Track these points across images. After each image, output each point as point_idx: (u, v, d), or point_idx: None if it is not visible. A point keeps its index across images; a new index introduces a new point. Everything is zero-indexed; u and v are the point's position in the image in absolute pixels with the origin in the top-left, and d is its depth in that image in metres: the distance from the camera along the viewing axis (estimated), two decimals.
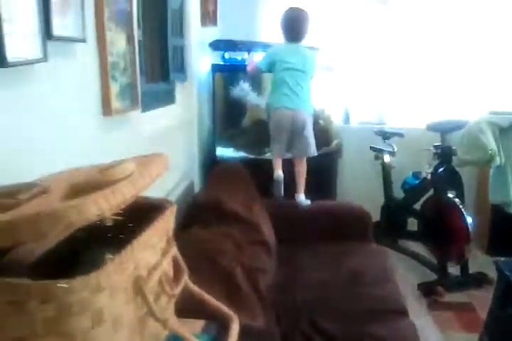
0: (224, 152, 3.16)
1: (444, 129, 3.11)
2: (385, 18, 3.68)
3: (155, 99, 2.33)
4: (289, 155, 2.83)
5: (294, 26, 2.73)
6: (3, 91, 1.02)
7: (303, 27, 2.72)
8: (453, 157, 3.15)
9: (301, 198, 2.80)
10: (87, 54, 1.39)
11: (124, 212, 0.70)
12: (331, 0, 3.72)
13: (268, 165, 2.78)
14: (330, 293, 2.14)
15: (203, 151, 3.05)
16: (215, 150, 3.15)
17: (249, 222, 2.11)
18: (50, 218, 0.53)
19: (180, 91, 2.75)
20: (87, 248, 0.77)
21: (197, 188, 2.81)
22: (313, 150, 2.78)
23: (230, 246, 1.74)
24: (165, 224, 0.78)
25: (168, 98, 2.60)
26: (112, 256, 0.61)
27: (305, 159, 2.81)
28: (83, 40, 1.32)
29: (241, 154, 3.14)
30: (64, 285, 0.54)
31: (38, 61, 1.09)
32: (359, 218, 2.73)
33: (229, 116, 3.24)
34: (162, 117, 2.39)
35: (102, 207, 0.57)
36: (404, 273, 2.92)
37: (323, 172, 3.29)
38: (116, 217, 0.64)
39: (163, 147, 2.25)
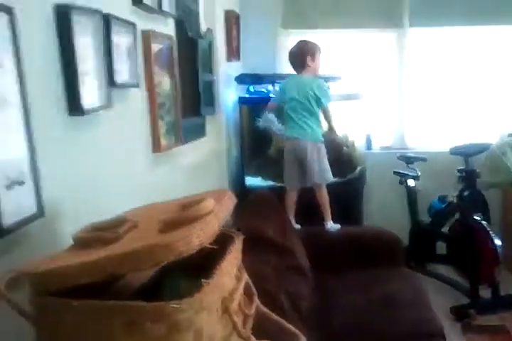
0: (253, 181, 3.26)
1: (467, 153, 3.18)
2: (405, 45, 3.80)
3: (189, 133, 2.45)
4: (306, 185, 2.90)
5: (292, 57, 2.94)
6: (79, 136, 1.14)
7: (301, 58, 2.88)
8: (477, 180, 3.21)
9: (330, 225, 2.86)
10: (139, 97, 1.52)
11: None
12: (352, 31, 3.86)
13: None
14: (365, 317, 2.18)
15: (232, 181, 3.16)
16: (244, 180, 3.26)
17: (284, 249, 2.18)
18: (165, 249, 0.63)
19: (210, 124, 2.88)
20: (168, 273, 0.86)
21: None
22: (317, 178, 2.83)
23: (271, 272, 1.81)
24: (237, 253, 0.87)
25: (200, 131, 2.73)
26: (206, 280, 0.70)
27: (323, 187, 2.87)
28: (137, 86, 1.45)
29: (269, 183, 3.23)
30: (176, 306, 0.63)
31: (105, 107, 1.22)
32: (389, 243, 2.78)
33: (256, 146, 3.35)
34: (196, 150, 2.51)
35: (202, 238, 0.66)
36: (436, 297, 2.94)
37: (349, 199, 3.36)
38: (211, 246, 0.73)
39: (198, 178, 2.37)
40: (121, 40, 1.37)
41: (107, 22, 1.25)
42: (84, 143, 1.16)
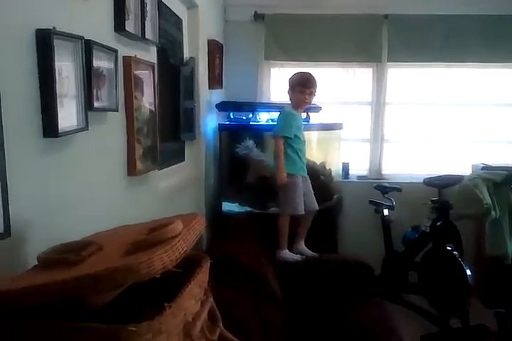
0: (229, 207, 3.27)
1: (440, 185, 3.26)
2: (383, 78, 3.91)
3: (168, 158, 2.48)
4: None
5: None
6: (53, 158, 1.15)
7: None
8: (450, 211, 3.28)
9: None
10: (117, 121, 1.55)
11: None
12: (332, 64, 3.97)
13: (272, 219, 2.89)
14: None
15: (209, 206, 3.17)
16: (220, 206, 3.27)
17: (257, 275, 2.19)
18: (127, 272, 0.64)
19: (189, 149, 2.92)
20: (132, 294, 0.87)
21: (204, 242, 2.89)
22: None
23: (242, 299, 1.82)
24: (203, 276, 0.89)
25: (178, 156, 2.76)
26: (168, 304, 0.72)
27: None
28: (116, 110, 1.48)
29: (246, 209, 3.25)
30: (133, 329, 0.64)
31: (81, 130, 1.24)
32: (362, 272, 2.80)
33: (234, 173, 3.38)
34: (174, 174, 2.53)
35: (165, 261, 0.68)
36: (407, 326, 2.95)
37: (325, 226, 3.39)
38: (175, 269, 0.74)
39: (175, 202, 2.37)
40: (102, 66, 1.40)
41: (89, 47, 1.28)
42: (57, 165, 1.17)
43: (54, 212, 1.15)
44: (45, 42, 1.08)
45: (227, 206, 3.27)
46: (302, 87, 2.82)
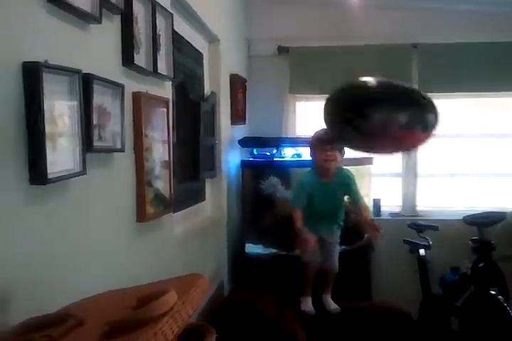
0: (253, 249, 3.07)
1: (481, 223, 3.02)
2: None
3: (185, 199, 2.33)
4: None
5: None
6: (41, 208, 1.01)
7: None
8: (492, 251, 3.02)
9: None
10: (124, 162, 1.41)
11: None
12: None
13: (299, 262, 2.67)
14: None
15: (231, 248, 2.98)
16: (243, 247, 3.07)
17: (282, 329, 1.99)
18: None
19: (210, 188, 2.77)
20: None
21: (226, 288, 2.70)
22: None
23: None
24: None
25: (198, 196, 2.61)
26: None
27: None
28: (122, 150, 1.34)
29: (271, 250, 3.05)
30: None
31: (77, 174, 1.09)
32: (398, 319, 2.56)
33: (258, 212, 3.20)
34: (193, 216, 2.38)
35: None
36: None
37: (356, 268, 3.15)
38: None
39: (192, 248, 2.21)
40: (105, 102, 1.28)
41: (88, 82, 1.16)
42: (47, 216, 1.02)
43: (41, 272, 0.99)
44: (33, 76, 0.95)
45: (251, 248, 3.08)
46: (321, 143, 2.39)
